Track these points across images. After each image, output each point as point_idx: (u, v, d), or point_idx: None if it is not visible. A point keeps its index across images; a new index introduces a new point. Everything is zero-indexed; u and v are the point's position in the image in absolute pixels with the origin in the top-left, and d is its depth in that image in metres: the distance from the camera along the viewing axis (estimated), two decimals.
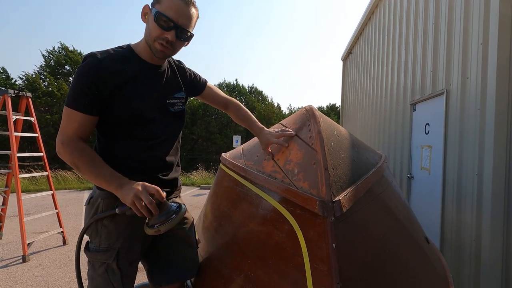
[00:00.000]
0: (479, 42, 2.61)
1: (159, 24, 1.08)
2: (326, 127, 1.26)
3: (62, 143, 1.07)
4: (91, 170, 1.05)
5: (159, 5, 1.08)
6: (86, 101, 1.06)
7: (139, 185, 1.00)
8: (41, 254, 3.70)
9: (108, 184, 1.04)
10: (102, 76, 1.07)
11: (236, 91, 22.58)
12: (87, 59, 1.09)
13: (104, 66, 1.08)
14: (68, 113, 1.08)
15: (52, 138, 16.20)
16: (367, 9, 6.63)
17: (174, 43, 1.13)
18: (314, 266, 0.86)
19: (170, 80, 1.29)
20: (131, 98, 1.13)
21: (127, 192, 0.99)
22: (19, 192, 3.55)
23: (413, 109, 4.09)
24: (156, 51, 1.14)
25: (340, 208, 0.89)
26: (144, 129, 1.19)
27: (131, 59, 1.17)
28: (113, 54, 1.13)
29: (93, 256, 1.19)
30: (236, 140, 10.45)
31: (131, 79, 1.14)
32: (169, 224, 0.99)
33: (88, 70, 1.07)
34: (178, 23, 1.09)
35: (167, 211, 1.01)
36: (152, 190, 1.00)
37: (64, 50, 18.05)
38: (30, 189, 8.56)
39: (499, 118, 2.33)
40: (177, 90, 1.31)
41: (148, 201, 0.97)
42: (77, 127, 1.08)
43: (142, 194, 0.98)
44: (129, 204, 0.99)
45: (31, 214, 5.48)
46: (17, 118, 3.81)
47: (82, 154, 1.06)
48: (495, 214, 2.31)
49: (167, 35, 1.09)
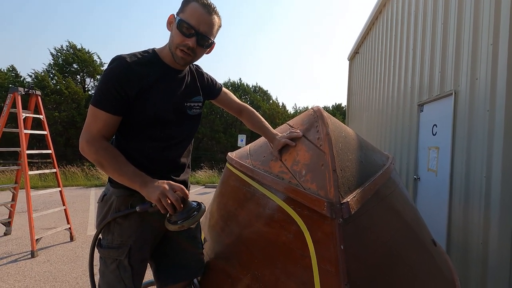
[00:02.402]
0: (489, 43, 2.57)
1: (181, 31, 1.14)
2: (334, 129, 1.26)
3: (87, 142, 1.10)
4: (115, 168, 1.08)
5: (183, 14, 1.14)
6: (113, 101, 1.11)
7: (165, 183, 1.04)
8: (49, 250, 3.76)
9: (132, 181, 1.07)
10: (129, 79, 1.12)
11: (241, 90, 22.59)
12: (116, 61, 1.13)
13: (132, 69, 1.13)
14: (95, 113, 1.11)
15: (59, 136, 16.44)
16: (374, 8, 6.57)
17: (195, 50, 1.18)
18: (321, 267, 0.86)
19: (189, 85, 1.34)
20: (154, 101, 1.18)
21: (153, 189, 1.03)
22: (28, 189, 3.61)
23: (420, 110, 4.06)
24: (178, 58, 1.19)
25: (348, 209, 0.90)
26: (162, 130, 1.23)
27: (156, 63, 1.22)
28: (140, 58, 1.18)
29: (106, 253, 1.21)
30: (241, 139, 10.47)
31: (155, 83, 1.19)
32: (192, 220, 1.03)
33: (117, 73, 1.11)
34: (199, 30, 1.14)
35: (188, 208, 1.05)
36: (177, 188, 1.05)
37: (72, 48, 18.26)
38: (38, 185, 8.69)
39: (509, 119, 2.30)
40: (196, 94, 1.36)
41: (174, 198, 1.01)
42: (102, 126, 1.12)
43: (169, 192, 1.01)
44: (155, 201, 1.02)
45: (39, 210, 5.57)
46: (26, 116, 3.88)
47: (106, 152, 1.09)
48: (504, 217, 2.28)
49: (188, 41, 1.14)
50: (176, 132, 1.28)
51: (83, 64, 18.31)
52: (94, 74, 19.03)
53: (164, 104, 1.21)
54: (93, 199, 7.18)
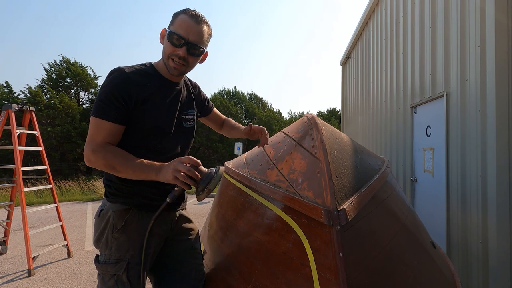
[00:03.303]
0: (476, 44, 2.63)
1: (172, 42, 1.18)
2: (329, 136, 1.27)
3: (92, 151, 1.10)
4: (127, 166, 1.10)
5: (173, 26, 1.19)
6: (114, 111, 1.12)
7: (173, 161, 1.08)
8: (46, 268, 3.69)
9: (147, 174, 1.10)
10: (128, 89, 1.14)
11: (236, 98, 22.68)
12: (114, 73, 1.17)
13: (130, 79, 1.16)
14: (97, 123, 1.12)
15: (54, 150, 16.29)
16: (364, 14, 6.70)
17: (187, 59, 1.21)
18: (321, 275, 0.86)
19: (184, 97, 1.37)
20: (151, 112, 1.20)
21: (166, 172, 1.06)
22: (23, 206, 3.56)
23: (414, 112, 4.10)
24: (171, 68, 1.22)
25: (345, 216, 0.90)
26: (158, 142, 1.25)
27: (154, 75, 1.25)
28: (138, 69, 1.22)
29: (103, 268, 1.20)
30: (238, 147, 10.47)
31: (153, 94, 1.21)
32: (214, 181, 1.07)
33: (116, 83, 1.14)
34: (188, 40, 1.18)
35: (206, 175, 1.09)
36: (185, 159, 1.08)
37: (65, 63, 18.27)
38: (34, 202, 8.57)
39: (500, 119, 2.34)
40: (190, 107, 1.40)
41: (186, 169, 1.04)
42: (106, 134, 1.13)
43: (179, 166, 1.05)
44: (172, 180, 1.05)
45: (35, 227, 5.48)
46: (21, 132, 3.85)
47: (115, 154, 1.11)
48: (501, 215, 2.30)
49: (179, 51, 1.18)
50: (172, 144, 1.30)
51: (77, 78, 18.30)
52: (88, 88, 19.02)
53: (161, 116, 1.23)
54: (90, 214, 7.08)
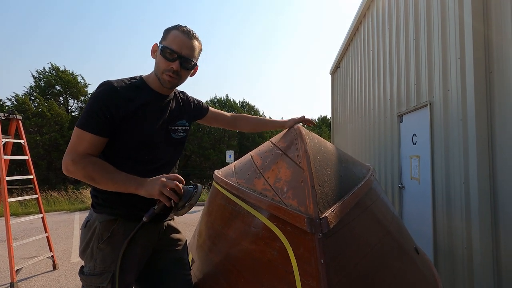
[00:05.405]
0: (456, 56, 2.75)
1: (165, 56, 1.22)
2: (313, 145, 1.30)
3: (72, 161, 1.11)
4: (107, 178, 1.11)
5: (165, 41, 1.23)
6: (99, 123, 1.14)
7: (159, 176, 1.10)
8: (30, 281, 3.58)
9: (127, 187, 1.11)
10: (115, 102, 1.16)
11: (228, 106, 22.74)
12: (103, 86, 1.19)
13: (118, 93, 1.18)
14: (79, 134, 1.14)
15: (41, 159, 15.93)
16: (351, 25, 6.90)
17: (180, 73, 1.25)
18: (304, 282, 0.88)
19: (174, 109, 1.40)
20: (141, 124, 1.23)
21: (151, 185, 1.08)
22: (7, 217, 3.47)
23: (400, 121, 4.22)
24: (165, 82, 1.26)
25: (327, 224, 0.93)
26: (147, 153, 1.26)
27: (143, 89, 1.28)
28: (127, 83, 1.24)
29: (88, 280, 1.19)
30: (229, 155, 10.46)
31: (142, 107, 1.24)
32: (195, 198, 1.11)
33: (103, 96, 1.16)
34: (181, 54, 1.22)
35: (187, 191, 1.12)
36: (172, 176, 1.12)
37: (55, 70, 18.05)
38: (19, 212, 8.32)
39: (480, 127, 2.43)
40: (180, 118, 1.42)
41: (174, 184, 1.07)
42: (88, 146, 1.14)
43: (167, 182, 1.08)
44: (157, 195, 1.07)
45: (20, 238, 5.32)
46: (6, 141, 3.78)
47: (95, 166, 1.11)
48: (483, 220, 2.37)
49: (173, 65, 1.22)
50: (161, 155, 1.31)
51: (66, 85, 18.08)
52: (78, 95, 18.78)
53: (150, 128, 1.25)
54: (77, 224, 6.92)
